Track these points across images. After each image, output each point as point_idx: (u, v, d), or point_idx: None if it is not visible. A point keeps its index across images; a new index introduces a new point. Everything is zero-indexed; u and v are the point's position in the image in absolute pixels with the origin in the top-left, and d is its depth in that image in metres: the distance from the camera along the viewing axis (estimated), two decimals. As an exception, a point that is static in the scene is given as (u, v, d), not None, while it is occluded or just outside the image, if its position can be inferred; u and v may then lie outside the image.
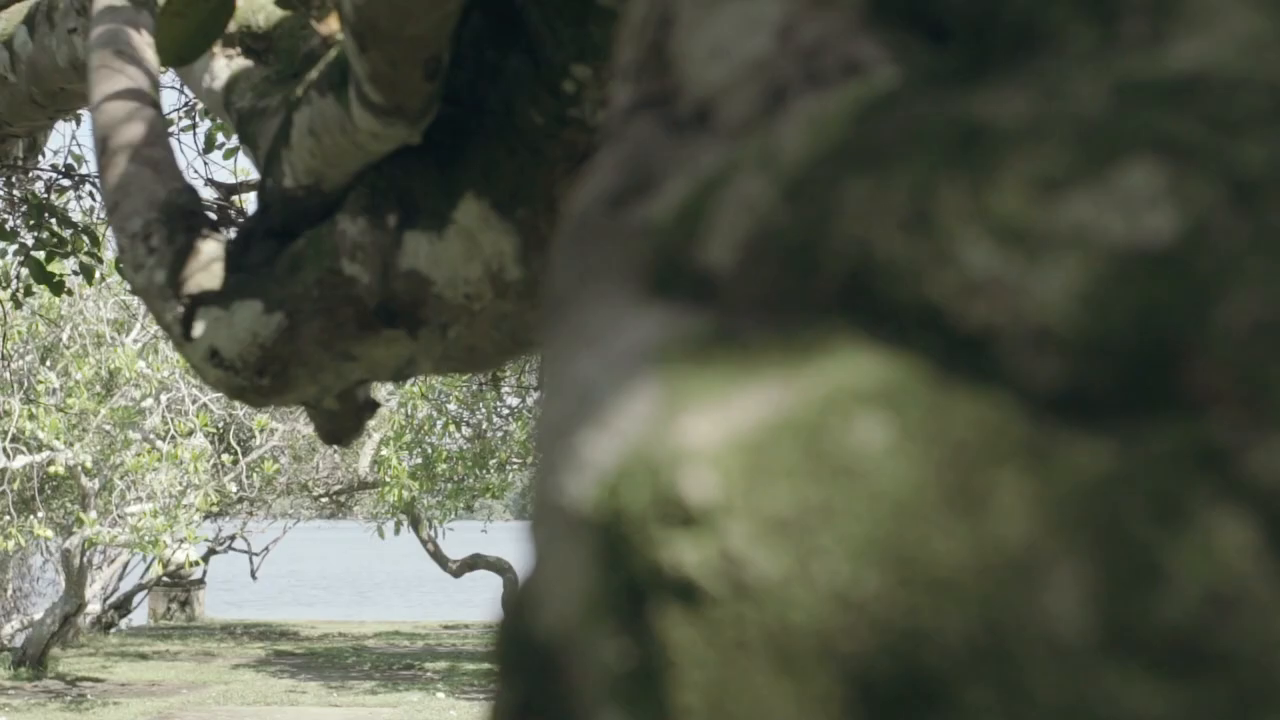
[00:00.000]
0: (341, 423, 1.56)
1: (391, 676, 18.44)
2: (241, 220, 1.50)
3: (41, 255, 4.70)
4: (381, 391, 21.58)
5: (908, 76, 0.36)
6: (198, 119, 5.70)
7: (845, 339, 0.31)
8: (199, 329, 1.36)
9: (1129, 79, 0.31)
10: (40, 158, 4.17)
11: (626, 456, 0.31)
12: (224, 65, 1.69)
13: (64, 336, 15.40)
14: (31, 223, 4.51)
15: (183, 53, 1.56)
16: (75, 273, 5.37)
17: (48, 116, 2.39)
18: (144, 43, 1.50)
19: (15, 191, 4.54)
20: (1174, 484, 0.26)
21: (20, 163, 3.32)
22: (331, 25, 1.42)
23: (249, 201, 5.46)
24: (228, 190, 4.37)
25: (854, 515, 0.27)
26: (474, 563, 21.15)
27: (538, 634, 0.33)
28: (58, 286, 4.75)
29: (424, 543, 20.84)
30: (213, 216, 1.43)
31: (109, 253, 6.53)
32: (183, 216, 1.39)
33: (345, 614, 30.65)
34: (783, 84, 0.39)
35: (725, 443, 0.30)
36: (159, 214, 1.40)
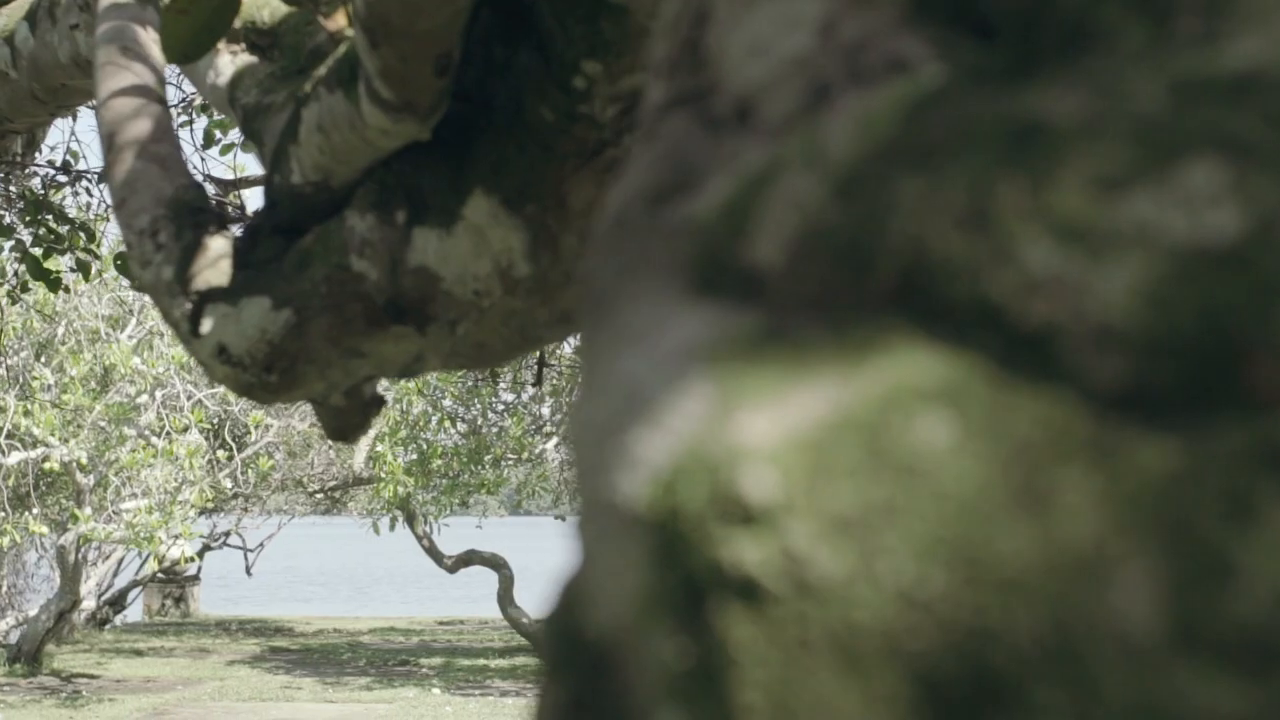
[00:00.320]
0: (348, 419, 1.56)
1: (387, 672, 18.44)
2: (240, 216, 1.50)
3: (39, 252, 4.70)
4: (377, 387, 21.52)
5: (954, 74, 0.36)
6: (195, 115, 5.70)
7: (901, 337, 0.31)
8: (207, 325, 1.36)
9: (1186, 77, 0.31)
10: (37, 154, 4.17)
11: (681, 455, 0.31)
12: (228, 61, 1.69)
13: (59, 332, 15.39)
14: (28, 219, 4.50)
15: (188, 49, 1.55)
16: (72, 269, 5.37)
17: (49, 113, 2.39)
18: (150, 39, 1.50)
19: (12, 188, 4.53)
20: (1242, 482, 0.26)
21: (19, 159, 3.32)
22: (339, 21, 1.42)
23: (247, 197, 5.46)
24: (226, 186, 4.35)
25: (919, 514, 0.27)
26: (469, 558, 21.14)
27: (589, 632, 0.33)
28: (55, 283, 4.75)
29: (419, 539, 20.84)
30: (220, 213, 1.43)
31: (105, 249, 6.54)
32: (190, 213, 1.39)
33: (340, 610, 30.65)
34: (826, 81, 0.39)
35: (784, 441, 0.30)
36: (166, 210, 1.40)
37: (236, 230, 1.43)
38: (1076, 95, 0.32)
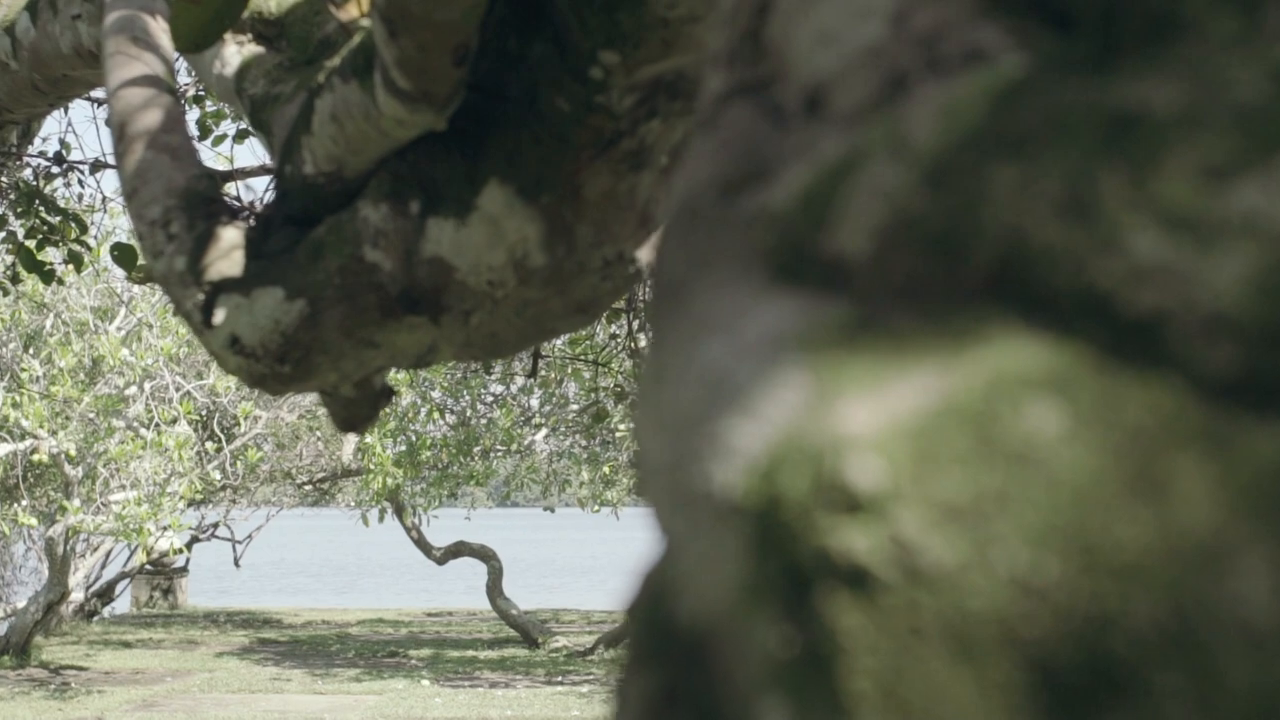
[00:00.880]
0: (357, 410, 1.56)
1: (376, 664, 18.44)
2: (239, 207, 1.50)
3: (33, 244, 4.69)
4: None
5: (1038, 64, 0.36)
6: (188, 106, 5.69)
7: (1001, 326, 0.31)
8: (219, 316, 1.36)
9: (1285, 67, 0.31)
10: (31, 144, 4.16)
11: (779, 444, 0.31)
12: (235, 52, 1.69)
13: (48, 324, 15.35)
14: (20, 210, 4.48)
15: (198, 39, 1.55)
16: (65, 261, 5.35)
17: (49, 103, 2.38)
18: (159, 29, 1.50)
19: (3, 178, 4.51)
20: (1359, 470, 0.26)
21: (14, 149, 3.31)
22: (351, 11, 1.42)
23: (243, 189, 5.44)
24: (223, 177, 4.32)
25: (1032, 502, 0.28)
26: (458, 550, 21.14)
27: (680, 621, 0.33)
28: (48, 275, 4.73)
29: (408, 530, 20.83)
30: (231, 204, 1.42)
31: (93, 240, 6.51)
32: (202, 203, 1.39)
33: (328, 602, 30.64)
34: (902, 71, 0.39)
35: (888, 429, 0.30)
36: (178, 201, 1.39)
37: (249, 221, 1.43)
38: (1173, 85, 0.32)
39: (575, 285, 1.33)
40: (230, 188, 4.59)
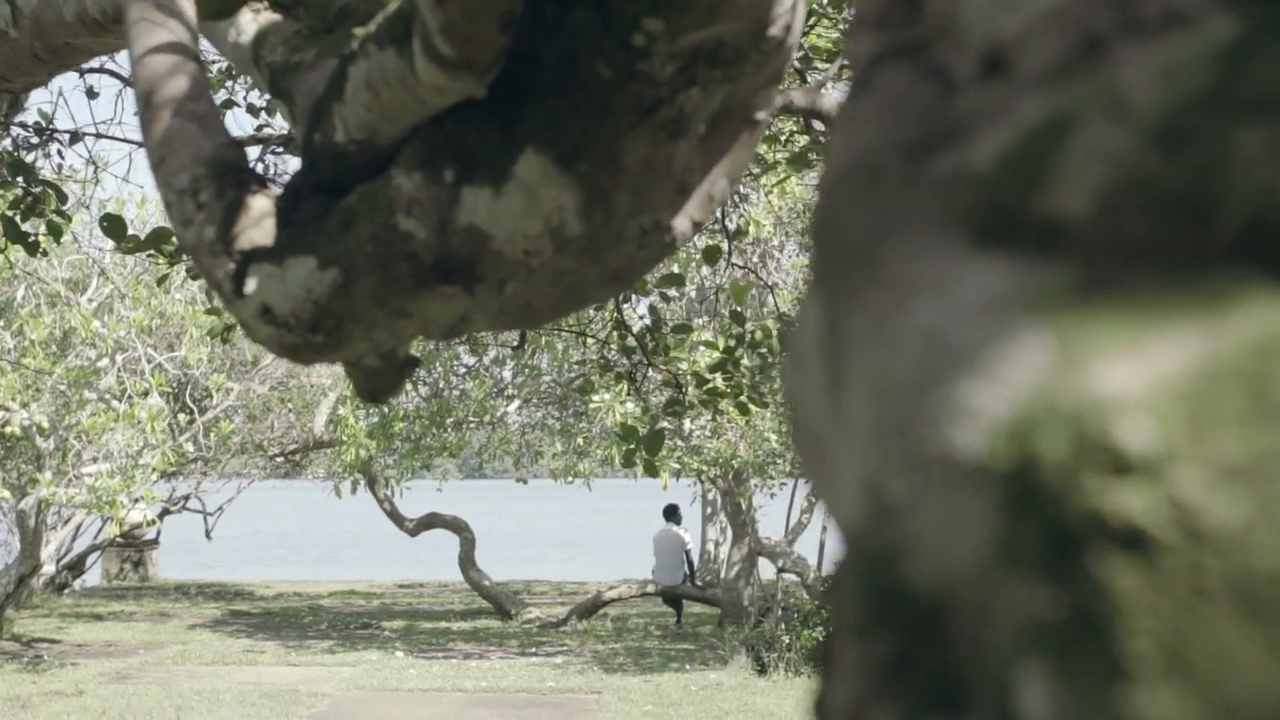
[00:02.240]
0: (381, 380, 1.55)
1: (349, 635, 18.43)
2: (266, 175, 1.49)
3: (15, 214, 4.64)
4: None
5: (1248, 26, 0.36)
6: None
7: (1257, 287, 0.30)
8: (251, 286, 1.35)
9: None
10: (20, 114, 4.12)
11: (1028, 406, 0.31)
12: (250, 20, 1.68)
13: (19, 295, 15.25)
14: (6, 180, 4.44)
15: (221, 6, 1.54)
16: (44, 232, 5.31)
17: (49, 72, 2.35)
18: (181, -5, 1.48)
19: (-8, 149, 4.49)
20: None
21: (4, 120, 3.28)
22: (382, -22, 1.41)
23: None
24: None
25: (1320, 461, 0.27)
26: (430, 521, 21.13)
27: (912, 586, 0.33)
28: (32, 246, 4.69)
29: (380, 502, 20.81)
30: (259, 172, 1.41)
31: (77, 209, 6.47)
32: (231, 171, 1.38)
33: (300, 574, 30.60)
34: (1096, 33, 0.39)
35: (1154, 391, 0.29)
36: (207, 169, 1.38)
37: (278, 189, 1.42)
38: None
39: (612, 254, 1.32)
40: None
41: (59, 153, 5.32)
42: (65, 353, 15.07)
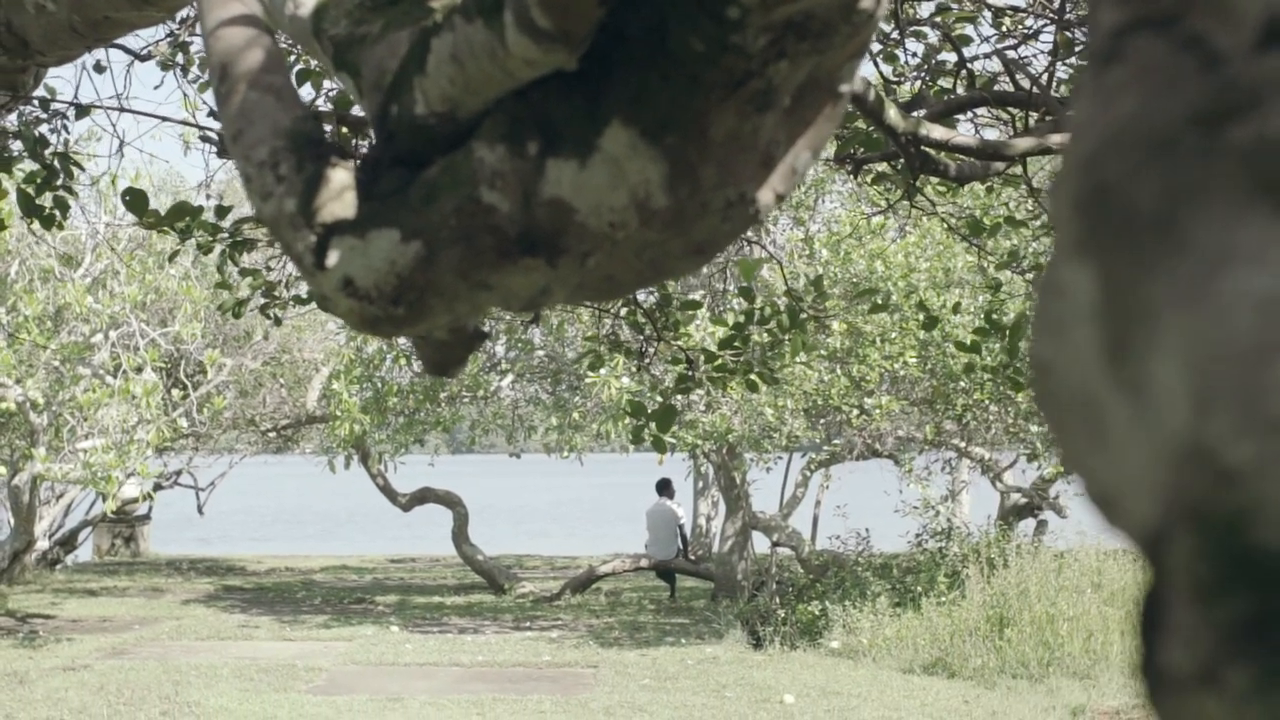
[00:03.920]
0: (450, 353, 1.55)
1: (343, 610, 18.47)
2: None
3: (31, 188, 4.63)
4: (330, 325, 21.46)
5: None
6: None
7: None
8: (333, 258, 1.35)
9: None
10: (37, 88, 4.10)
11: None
12: (309, -9, 1.67)
13: (12, 271, 15.21)
14: (20, 154, 4.43)
15: (291, -23, 1.53)
16: (51, 206, 5.29)
17: (85, 46, 2.34)
18: (250, -33, 1.48)
19: (10, 122, 4.45)
20: None
21: (25, 93, 3.26)
22: (460, -50, 1.40)
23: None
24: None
25: None
26: (423, 496, 21.16)
27: (1268, 547, 0.33)
28: (49, 219, 4.68)
29: (373, 477, 20.82)
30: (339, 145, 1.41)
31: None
32: (310, 144, 1.38)
33: (292, 549, 30.64)
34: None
35: None
36: (285, 142, 1.38)
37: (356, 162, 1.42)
38: None
39: (696, 226, 1.32)
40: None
41: (64, 127, 5.30)
42: (59, 328, 15.04)
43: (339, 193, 1.36)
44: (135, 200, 4.13)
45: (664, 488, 19.83)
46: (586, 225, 1.31)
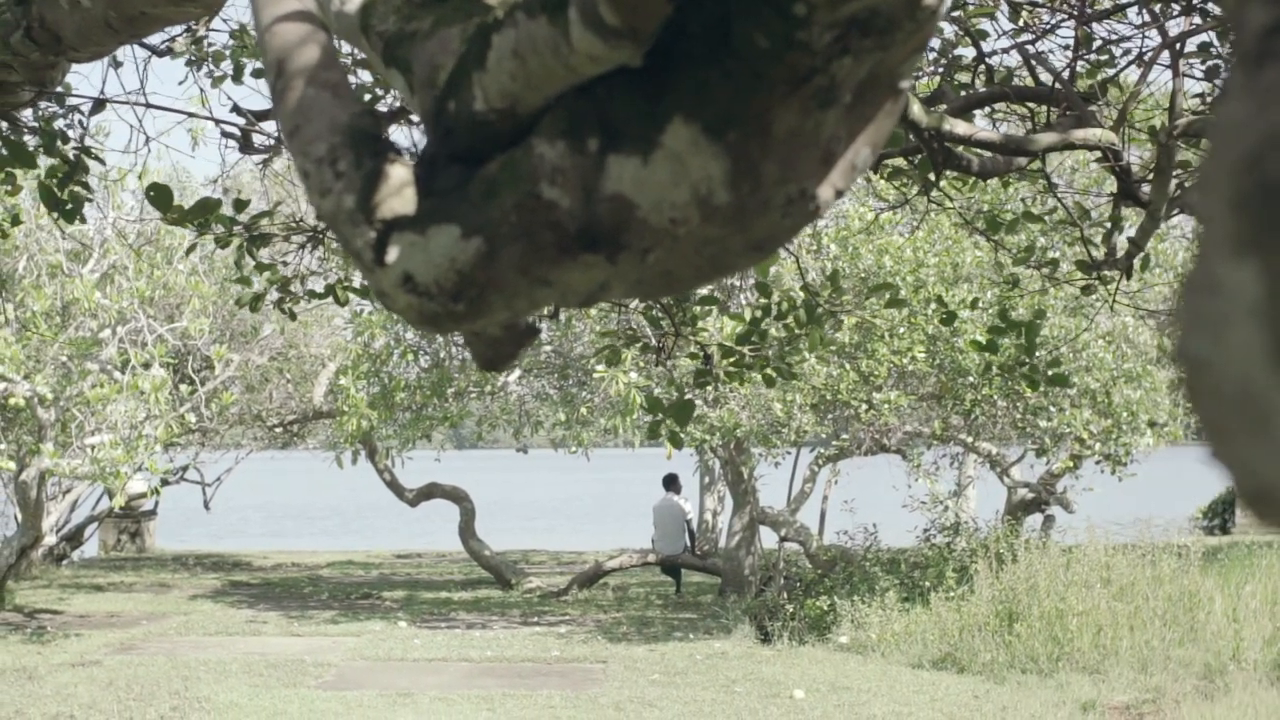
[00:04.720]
0: (501, 349, 1.56)
1: (350, 606, 18.47)
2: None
3: (53, 182, 4.63)
4: (337, 320, 21.46)
5: None
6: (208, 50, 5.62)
7: None
8: (393, 255, 1.36)
9: None
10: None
11: None
12: (356, -12, 1.67)
13: (20, 267, 15.21)
14: (43, 147, 4.43)
15: (345, -26, 1.54)
16: (67, 202, 5.29)
17: (119, 41, 2.34)
18: (303, -37, 1.48)
19: (28, 114, 4.45)
20: None
21: (52, 88, 3.26)
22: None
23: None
24: (258, 116, 4.30)
25: None
26: (430, 491, 21.17)
27: None
28: (70, 213, 4.68)
29: (380, 472, 20.84)
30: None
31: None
32: (368, 140, 1.38)
33: (297, 544, 30.66)
34: None
35: None
36: (343, 138, 1.39)
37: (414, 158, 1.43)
38: None
39: (757, 223, 1.33)
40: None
41: (81, 123, 5.29)
42: (67, 324, 15.05)
43: (398, 189, 1.37)
44: (160, 196, 4.13)
45: (671, 483, 19.85)
46: (647, 221, 1.32)
